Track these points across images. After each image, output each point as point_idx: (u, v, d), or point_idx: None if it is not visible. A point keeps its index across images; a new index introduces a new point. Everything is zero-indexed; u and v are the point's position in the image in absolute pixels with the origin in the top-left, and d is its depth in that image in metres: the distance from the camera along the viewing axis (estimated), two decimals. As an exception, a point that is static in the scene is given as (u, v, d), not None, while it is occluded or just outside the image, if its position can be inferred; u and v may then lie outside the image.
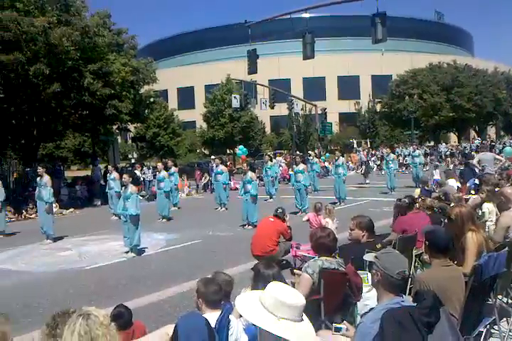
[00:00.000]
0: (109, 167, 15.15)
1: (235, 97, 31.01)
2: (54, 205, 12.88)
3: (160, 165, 14.77)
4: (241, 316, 3.56)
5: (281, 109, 41.71)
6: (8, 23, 15.81)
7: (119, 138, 35.30)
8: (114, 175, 14.56)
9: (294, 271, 4.30)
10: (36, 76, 16.88)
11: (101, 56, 20.00)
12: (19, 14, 16.28)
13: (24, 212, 16.02)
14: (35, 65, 16.50)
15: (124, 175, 9.52)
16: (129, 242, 9.10)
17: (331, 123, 38.62)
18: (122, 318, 3.64)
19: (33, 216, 15.32)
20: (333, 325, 3.30)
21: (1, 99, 16.38)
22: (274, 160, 21.51)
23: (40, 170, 11.07)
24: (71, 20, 18.22)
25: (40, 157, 26.95)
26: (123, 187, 9.52)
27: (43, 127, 21.61)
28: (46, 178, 10.94)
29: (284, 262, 7.38)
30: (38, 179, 11.25)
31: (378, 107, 50.49)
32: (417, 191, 10.95)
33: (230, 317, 3.20)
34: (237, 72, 40.24)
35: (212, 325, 2.79)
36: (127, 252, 9.23)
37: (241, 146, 21.25)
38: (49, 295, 6.58)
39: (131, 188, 9.07)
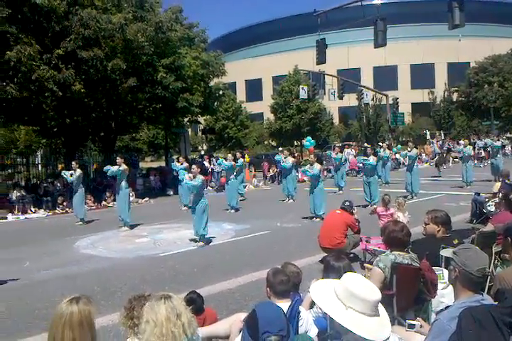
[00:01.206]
0: (180, 158, 15.63)
1: (302, 88, 30.79)
2: (130, 194, 13.54)
3: (230, 156, 15.03)
4: (311, 308, 3.58)
5: (350, 100, 40.90)
6: (89, 20, 16.69)
7: (189, 130, 36.33)
8: (185, 166, 14.99)
9: (365, 265, 4.23)
10: (114, 71, 17.71)
11: (173, 50, 20.63)
12: (98, 12, 17.15)
13: (103, 201, 17.01)
14: (112, 61, 17.32)
15: (194, 166, 9.77)
16: (197, 231, 9.37)
17: (403, 114, 37.26)
18: (195, 304, 3.76)
19: (111, 204, 16.24)
20: (407, 321, 3.22)
21: (82, 94, 17.36)
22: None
23: (118, 160, 11.64)
24: (146, 16, 18.94)
25: (117, 148, 28.42)
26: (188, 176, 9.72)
27: (120, 120, 22.74)
28: (123, 168, 11.50)
29: (352, 255, 7.28)
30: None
31: (455, 96, 47.97)
32: (497, 185, 10.32)
33: (300, 308, 3.22)
34: (305, 63, 39.87)
35: (282, 314, 2.82)
36: (196, 241, 9.51)
37: (308, 138, 21.10)
38: (126, 280, 6.95)
39: (199, 178, 9.29)
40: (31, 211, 15.74)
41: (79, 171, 12.92)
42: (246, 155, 27.79)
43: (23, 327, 5.23)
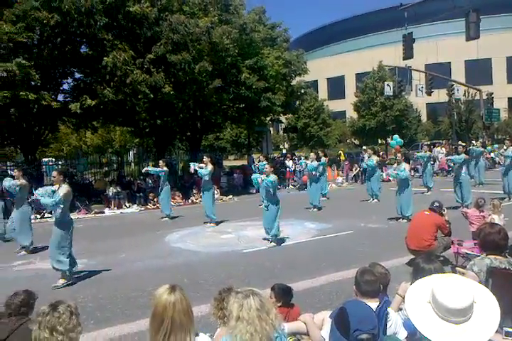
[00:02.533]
0: (261, 157, 15.82)
1: (387, 85, 29.89)
2: (215, 192, 13.95)
3: (312, 155, 14.99)
4: (400, 310, 3.50)
5: (440, 96, 38.89)
6: (177, 25, 17.49)
7: (271, 129, 36.71)
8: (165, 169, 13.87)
9: (457, 268, 4.03)
10: (200, 73, 18.41)
11: (256, 51, 21.00)
12: (186, 17, 17.91)
13: (191, 197, 17.77)
14: (199, 63, 18.01)
15: (266, 166, 9.82)
16: (269, 232, 9.35)
17: (498, 110, 34.80)
18: (289, 295, 3.96)
19: (198, 200, 16.91)
20: (504, 328, 3.04)
21: (171, 96, 18.22)
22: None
23: (205, 159, 12.06)
24: (230, 19, 19.46)
25: (202, 147, 29.48)
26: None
27: (205, 120, 23.58)
28: (210, 167, 11.88)
29: (442, 258, 6.96)
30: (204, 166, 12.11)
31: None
32: None
33: (388, 309, 3.17)
34: (390, 59, 38.60)
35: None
36: (269, 240, 9.48)
37: (395, 136, 20.35)
38: (213, 274, 7.22)
39: (272, 178, 9.24)
40: (126, 206, 16.88)
41: (165, 169, 13.55)
42: (342, 153, 27.35)
43: (120, 315, 5.64)
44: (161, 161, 14.13)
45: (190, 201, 17.62)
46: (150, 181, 18.37)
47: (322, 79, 59.56)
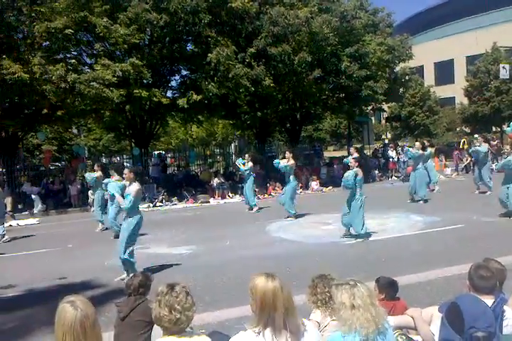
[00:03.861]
0: (351, 149, 15.12)
1: (503, 67, 27.43)
2: (315, 183, 13.89)
3: (418, 144, 14.30)
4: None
5: None
6: (277, 18, 17.63)
7: (372, 118, 35.57)
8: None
9: None
10: (300, 64, 18.40)
11: (357, 38, 20.43)
12: (286, 8, 17.97)
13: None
14: (299, 54, 18.01)
15: (351, 160, 9.47)
16: (349, 226, 9.13)
17: None
18: (394, 287, 3.93)
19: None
20: None
21: (271, 88, 18.47)
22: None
23: (287, 154, 11.92)
24: (330, 7, 19.13)
25: (301, 139, 29.52)
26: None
27: (304, 111, 23.56)
28: (291, 162, 11.68)
29: None
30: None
31: None
32: None
33: (505, 307, 2.98)
34: (506, 39, 35.28)
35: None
36: (350, 236, 9.22)
37: (512, 122, 18.57)
38: (314, 263, 7.26)
39: (358, 172, 8.93)
40: (229, 196, 17.56)
41: (250, 163, 13.70)
42: (465, 141, 25.16)
43: (227, 299, 5.92)
44: (246, 155, 14.37)
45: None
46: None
47: (429, 64, 56.14)
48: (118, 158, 31.13)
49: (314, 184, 18.85)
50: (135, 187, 7.15)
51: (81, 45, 17.85)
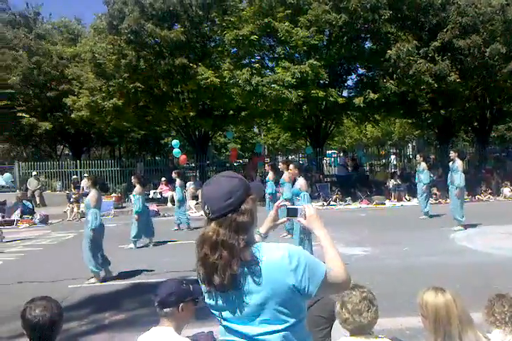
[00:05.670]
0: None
1: None
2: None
3: None
4: None
5: None
6: (466, 7, 16.19)
7: None
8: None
9: None
10: (492, 57, 16.58)
11: None
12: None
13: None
14: (491, 46, 16.23)
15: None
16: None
17: None
18: None
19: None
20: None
21: (457, 84, 17.01)
22: None
23: (452, 154, 10.70)
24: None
25: (491, 139, 26.57)
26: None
27: (496, 108, 21.19)
28: (458, 163, 10.47)
29: None
30: (451, 163, 10.70)
31: None
32: None
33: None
34: None
35: None
36: None
37: None
38: (508, 279, 6.45)
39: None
40: (406, 199, 16.74)
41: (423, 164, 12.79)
42: None
43: (405, 307, 5.63)
44: (418, 155, 13.64)
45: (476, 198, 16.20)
46: (431, 175, 17.68)
47: None
48: (293, 157, 32.34)
49: (507, 190, 16.79)
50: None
51: (264, 50, 18.99)
